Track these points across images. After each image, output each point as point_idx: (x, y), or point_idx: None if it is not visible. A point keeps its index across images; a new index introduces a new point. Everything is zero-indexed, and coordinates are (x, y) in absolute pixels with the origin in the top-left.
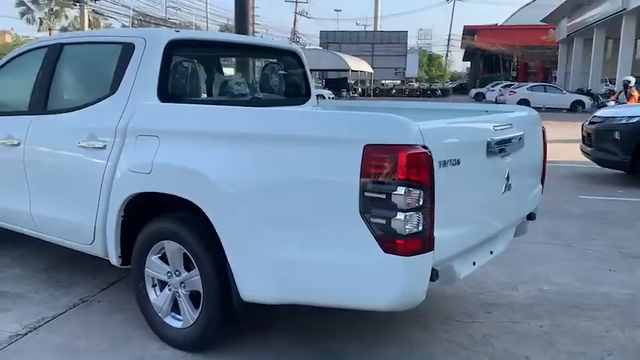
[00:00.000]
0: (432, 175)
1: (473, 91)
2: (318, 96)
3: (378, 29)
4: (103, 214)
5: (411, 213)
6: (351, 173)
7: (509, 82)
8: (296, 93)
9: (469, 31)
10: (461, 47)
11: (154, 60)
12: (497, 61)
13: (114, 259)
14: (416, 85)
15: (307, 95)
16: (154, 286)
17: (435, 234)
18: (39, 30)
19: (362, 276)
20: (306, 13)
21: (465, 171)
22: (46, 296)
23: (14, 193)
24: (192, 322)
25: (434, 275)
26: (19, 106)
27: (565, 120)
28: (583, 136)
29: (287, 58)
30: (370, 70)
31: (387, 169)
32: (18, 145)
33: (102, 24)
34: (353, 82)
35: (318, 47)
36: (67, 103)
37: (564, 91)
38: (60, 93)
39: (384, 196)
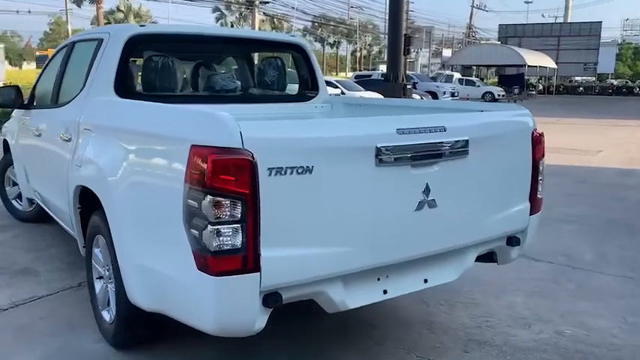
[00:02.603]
0: (254, 184)
1: None
2: (486, 93)
3: (568, 21)
4: (70, 204)
5: (223, 226)
6: (178, 176)
7: None
8: (301, 88)
9: None
10: None
11: (113, 55)
12: None
13: (80, 249)
14: (615, 82)
15: (315, 91)
16: (98, 278)
17: (264, 252)
18: None
19: (185, 294)
20: (484, 6)
21: (325, 181)
22: (54, 276)
23: (44, 179)
24: (114, 319)
25: (271, 300)
26: (48, 100)
27: None
28: None
29: (289, 52)
30: (553, 65)
31: (199, 174)
32: (39, 135)
33: (284, 26)
34: (535, 78)
35: (496, 42)
36: (64, 98)
37: None
38: (63, 88)
39: (196, 205)
